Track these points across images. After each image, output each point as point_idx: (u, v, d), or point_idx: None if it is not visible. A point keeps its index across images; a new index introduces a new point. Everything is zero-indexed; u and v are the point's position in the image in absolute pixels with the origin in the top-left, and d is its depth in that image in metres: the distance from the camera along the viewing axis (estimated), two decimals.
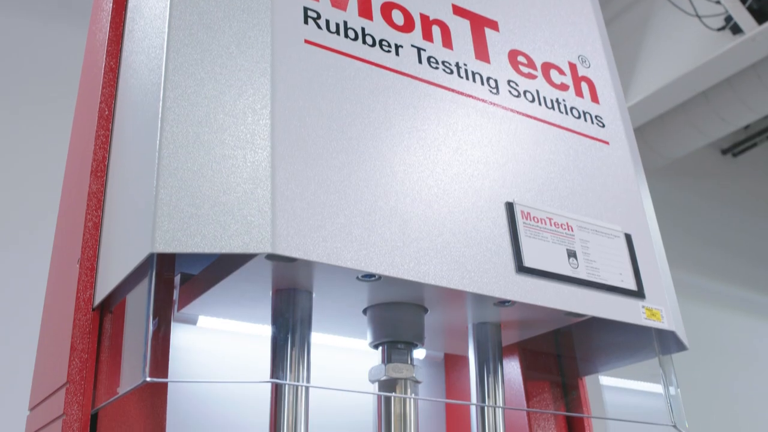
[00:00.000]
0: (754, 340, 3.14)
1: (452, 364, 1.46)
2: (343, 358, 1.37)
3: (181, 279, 1.15)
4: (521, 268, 1.04)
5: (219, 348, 1.27)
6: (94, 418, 0.99)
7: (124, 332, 1.01)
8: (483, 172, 1.08)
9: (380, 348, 1.13)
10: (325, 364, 1.31)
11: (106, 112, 1.14)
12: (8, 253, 2.47)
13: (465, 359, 1.36)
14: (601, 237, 1.15)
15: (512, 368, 1.35)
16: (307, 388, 1.02)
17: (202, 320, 1.22)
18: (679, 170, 4.54)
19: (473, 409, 1.19)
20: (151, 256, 0.87)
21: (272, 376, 1.01)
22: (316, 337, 1.22)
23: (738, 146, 5.27)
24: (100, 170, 1.11)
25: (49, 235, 1.29)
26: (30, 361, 1.24)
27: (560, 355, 1.39)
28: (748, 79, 4.10)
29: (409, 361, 1.11)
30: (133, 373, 0.91)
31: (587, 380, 1.42)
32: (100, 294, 1.02)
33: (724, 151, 5.27)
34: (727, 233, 4.35)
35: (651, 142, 4.38)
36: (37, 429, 1.08)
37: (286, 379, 0.99)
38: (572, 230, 1.12)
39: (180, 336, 1.24)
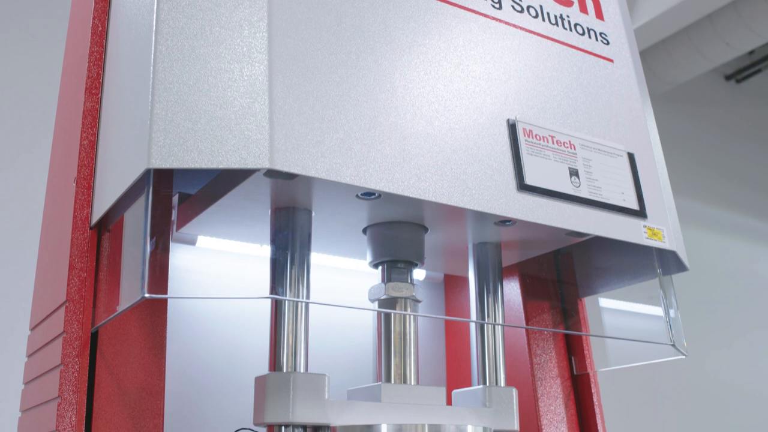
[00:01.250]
0: (753, 266, 3.15)
1: (452, 285, 1.46)
2: (343, 279, 1.37)
3: (179, 199, 1.14)
4: (522, 186, 1.02)
5: (218, 268, 1.27)
6: (95, 336, 0.99)
7: (122, 250, 1.01)
8: (485, 89, 1.06)
9: (380, 267, 1.13)
10: (325, 285, 1.31)
11: (100, 29, 1.11)
12: (5, 174, 2.46)
13: (465, 280, 1.36)
14: (604, 156, 1.13)
15: (512, 289, 1.35)
16: (306, 306, 1.01)
17: (201, 240, 1.22)
18: (681, 96, 4.50)
19: (472, 328, 1.19)
20: (147, 172, 0.86)
21: (272, 293, 1.00)
22: (316, 258, 1.22)
23: (742, 72, 5.21)
24: (94, 88, 1.09)
25: (45, 154, 1.28)
26: (29, 284, 1.24)
27: (560, 276, 1.39)
28: (754, 4, 4.03)
29: (409, 281, 1.11)
30: (131, 290, 0.91)
31: (587, 302, 1.42)
32: (98, 212, 1.01)
33: (728, 77, 5.21)
34: (729, 160, 4.33)
35: (654, 67, 4.33)
36: (37, 348, 1.09)
37: (285, 296, 0.99)
38: (574, 149, 1.11)
39: (179, 256, 1.23)
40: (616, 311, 1.48)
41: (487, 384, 1.16)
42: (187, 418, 1.24)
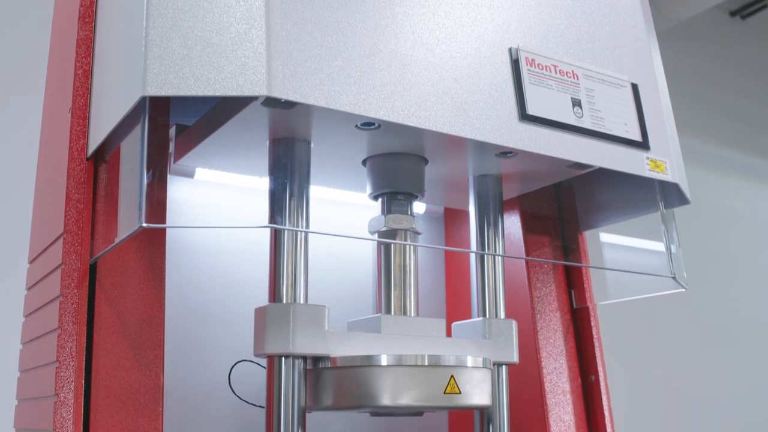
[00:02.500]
0: (756, 205, 3.15)
1: (452, 218, 1.46)
2: (343, 212, 1.37)
3: (177, 130, 1.13)
4: (524, 116, 1.01)
5: (217, 201, 1.27)
6: (93, 267, 0.99)
7: (119, 181, 1.00)
8: (486, 16, 1.04)
9: (380, 200, 1.12)
10: (325, 218, 1.30)
11: None
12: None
13: (465, 214, 1.35)
14: (607, 86, 1.12)
15: (512, 222, 1.35)
16: (306, 237, 1.01)
17: (200, 173, 1.21)
18: (685, 33, 4.44)
19: (473, 260, 1.19)
20: (143, 100, 0.84)
21: (270, 222, 1.00)
22: (316, 191, 1.21)
23: (747, 8, 5.13)
24: (88, 16, 1.07)
25: (40, 86, 1.26)
26: (27, 218, 1.23)
27: (561, 209, 1.38)
28: None
29: (409, 213, 1.10)
30: (129, 220, 0.90)
31: (587, 237, 1.42)
32: (93, 143, 1.00)
33: (733, 13, 5.14)
34: (733, 98, 4.29)
35: (657, 2, 4.26)
36: (37, 280, 1.09)
37: (284, 225, 0.98)
38: (577, 78, 1.09)
39: (178, 189, 1.23)
40: (616, 246, 1.48)
41: (487, 316, 1.16)
42: (187, 350, 1.24)
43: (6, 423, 1.17)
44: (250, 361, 1.19)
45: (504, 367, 1.15)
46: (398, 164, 1.09)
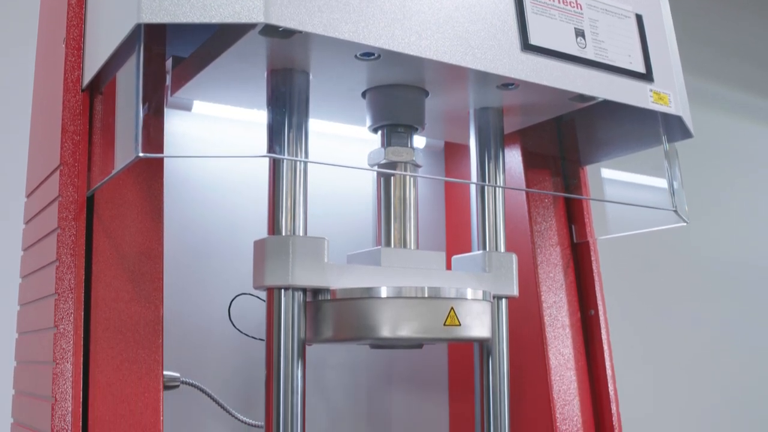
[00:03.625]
0: (757, 145, 3.12)
1: (452, 153, 1.45)
2: (343, 146, 1.36)
3: (173, 62, 1.11)
4: (527, 46, 0.99)
5: (215, 134, 1.25)
6: (91, 200, 0.98)
7: (115, 112, 0.98)
8: None
9: (379, 132, 1.11)
10: (324, 151, 1.29)
11: None
12: None
13: (465, 149, 1.34)
14: (611, 17, 1.09)
15: (513, 157, 1.34)
16: (305, 169, 1.00)
17: (198, 106, 1.19)
18: None
19: (473, 193, 1.18)
20: (138, 28, 0.82)
21: (269, 152, 0.99)
22: (314, 125, 1.19)
23: None
24: None
25: (33, 16, 1.24)
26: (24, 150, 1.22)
27: (562, 143, 1.37)
28: None
29: (408, 145, 1.09)
30: (125, 151, 0.89)
31: (589, 174, 1.40)
32: (89, 73, 0.98)
33: None
34: (734, 36, 4.24)
35: None
36: (34, 214, 1.08)
37: (283, 155, 0.97)
38: (581, 8, 1.07)
39: (175, 122, 1.21)
40: (617, 182, 1.47)
41: (487, 249, 1.15)
42: (186, 284, 1.24)
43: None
44: (250, 294, 1.19)
45: (504, 300, 1.15)
46: (398, 96, 1.07)
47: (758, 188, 2.44)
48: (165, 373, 1.03)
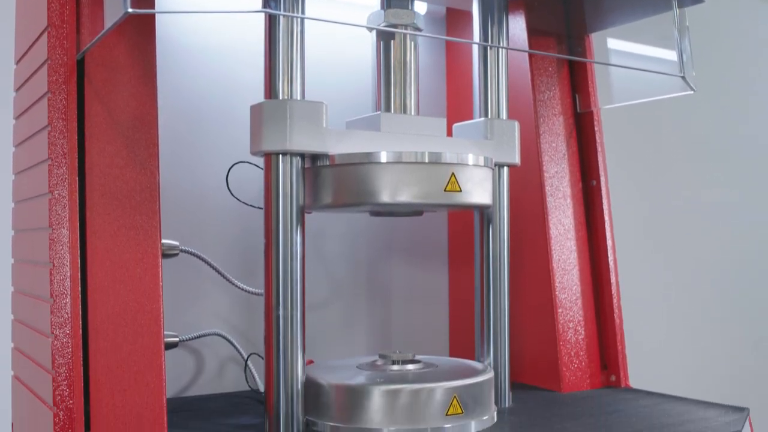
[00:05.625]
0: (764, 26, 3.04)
1: (454, 21, 1.40)
2: (342, 12, 1.32)
3: None
4: None
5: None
6: (81, 63, 0.95)
7: None
8: None
9: None
10: (321, 13, 1.25)
11: None
12: None
13: (467, 16, 1.30)
14: None
15: (517, 24, 1.30)
16: (302, 28, 0.96)
17: None
18: None
19: (475, 57, 1.15)
20: None
21: (264, 8, 0.95)
22: None
23: None
24: None
25: None
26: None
27: (567, 8, 1.32)
28: None
29: (409, 8, 1.05)
30: (114, 8, 0.85)
31: (594, 43, 1.36)
32: None
33: None
34: None
35: None
36: (24, 80, 1.05)
37: (279, 11, 0.93)
38: None
39: None
40: (623, 52, 1.43)
41: (489, 117, 1.13)
42: (183, 153, 1.23)
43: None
44: (248, 162, 1.17)
45: (505, 168, 1.14)
46: None
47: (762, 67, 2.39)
48: (164, 241, 1.02)
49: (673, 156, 1.99)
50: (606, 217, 1.31)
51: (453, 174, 0.97)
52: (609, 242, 1.30)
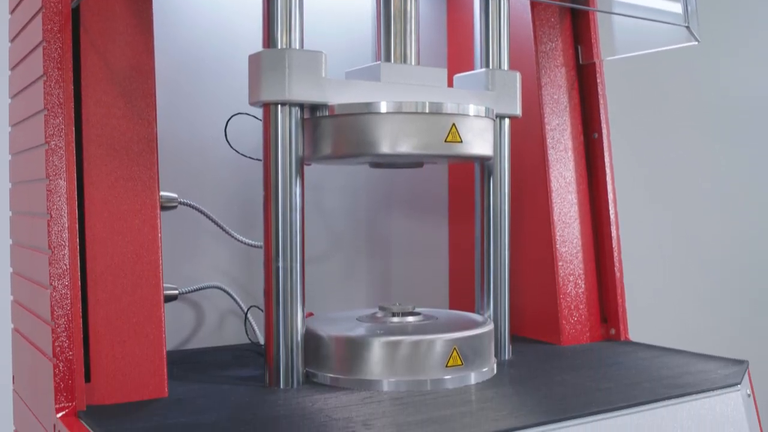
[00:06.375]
0: None
1: None
2: None
3: None
4: None
5: None
6: (77, 13, 0.93)
7: None
8: None
9: None
10: None
11: None
12: None
13: None
14: None
15: None
16: None
17: None
18: None
19: (476, 6, 1.13)
20: None
21: None
22: None
23: None
24: None
25: None
26: None
27: None
28: None
29: None
30: None
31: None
32: None
33: None
34: None
35: None
36: (18, 30, 1.04)
37: None
38: None
39: None
40: (626, 3, 1.41)
41: (491, 67, 1.11)
42: (181, 105, 1.21)
43: None
44: (247, 114, 1.16)
45: (506, 120, 1.13)
46: None
47: None
48: (162, 193, 1.02)
49: (675, 109, 1.98)
50: (607, 171, 1.30)
51: (454, 125, 0.95)
52: (610, 195, 1.29)
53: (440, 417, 0.84)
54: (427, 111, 0.94)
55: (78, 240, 0.89)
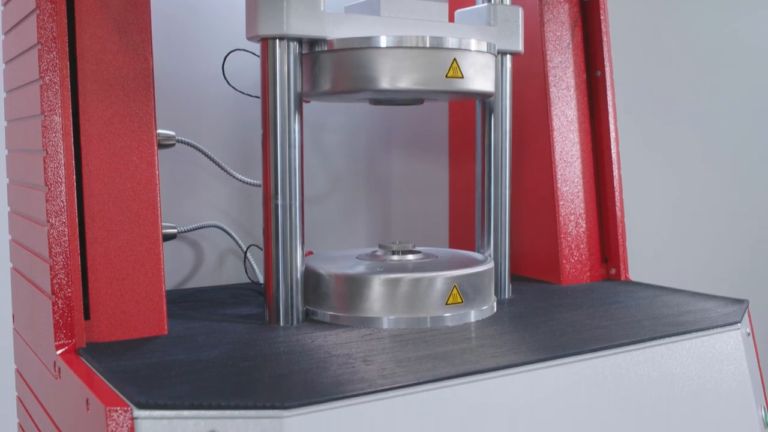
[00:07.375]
0: None
1: None
2: None
3: None
4: None
5: None
6: None
7: None
8: None
9: None
10: None
11: None
12: None
13: None
14: None
15: None
16: None
17: None
18: None
19: None
20: None
21: None
22: None
23: None
24: None
25: None
26: None
27: None
28: None
29: None
30: None
31: None
32: None
33: None
34: None
35: None
36: None
37: None
38: None
39: None
40: None
41: (492, 2, 1.09)
42: (177, 40, 1.19)
43: None
44: (244, 50, 1.14)
45: (508, 56, 1.11)
46: None
47: None
48: (160, 131, 1.00)
49: (679, 48, 1.95)
50: (610, 110, 1.28)
51: (455, 60, 0.94)
52: (612, 135, 1.28)
53: (440, 353, 0.84)
54: (427, 45, 0.92)
55: (75, 177, 0.88)
